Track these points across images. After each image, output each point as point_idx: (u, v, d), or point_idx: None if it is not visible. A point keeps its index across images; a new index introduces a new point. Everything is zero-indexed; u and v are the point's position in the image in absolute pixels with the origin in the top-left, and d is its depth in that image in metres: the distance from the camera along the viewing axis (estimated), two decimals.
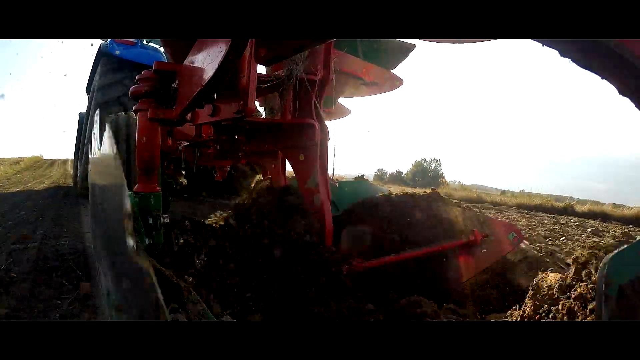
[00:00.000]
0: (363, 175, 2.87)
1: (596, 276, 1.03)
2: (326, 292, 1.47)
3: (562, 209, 9.63)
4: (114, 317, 0.59)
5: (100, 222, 0.80)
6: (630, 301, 0.69)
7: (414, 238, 2.02)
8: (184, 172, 3.88)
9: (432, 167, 45.25)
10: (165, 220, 1.50)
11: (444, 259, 2.04)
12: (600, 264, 0.74)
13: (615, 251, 0.74)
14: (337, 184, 2.19)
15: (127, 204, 0.59)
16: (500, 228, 2.23)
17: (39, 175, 10.92)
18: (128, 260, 0.55)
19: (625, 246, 0.75)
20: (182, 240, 1.54)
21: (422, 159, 45.94)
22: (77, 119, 7.19)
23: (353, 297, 1.50)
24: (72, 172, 8.32)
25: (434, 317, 1.43)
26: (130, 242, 0.56)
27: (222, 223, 1.81)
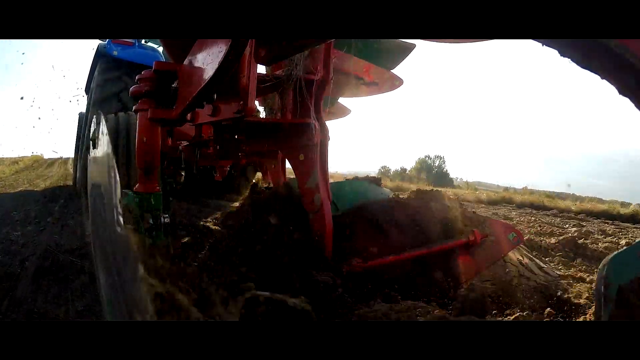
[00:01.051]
0: (357, 178, 2.80)
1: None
2: None
3: (629, 217, 8.79)
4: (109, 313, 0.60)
5: (97, 220, 0.80)
6: (629, 302, 0.69)
7: (414, 238, 2.02)
8: (183, 173, 3.87)
9: (437, 164, 45.15)
10: (166, 220, 1.51)
11: (444, 259, 2.04)
12: (600, 265, 0.74)
13: (615, 252, 0.74)
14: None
15: (118, 201, 0.59)
16: (500, 228, 2.23)
17: (37, 176, 10.31)
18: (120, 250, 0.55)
19: (625, 247, 0.75)
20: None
21: (426, 156, 45.85)
22: (77, 118, 7.21)
23: None
24: (72, 172, 8.22)
25: None
26: (122, 231, 0.56)
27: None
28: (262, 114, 2.78)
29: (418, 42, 2.55)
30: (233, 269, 1.46)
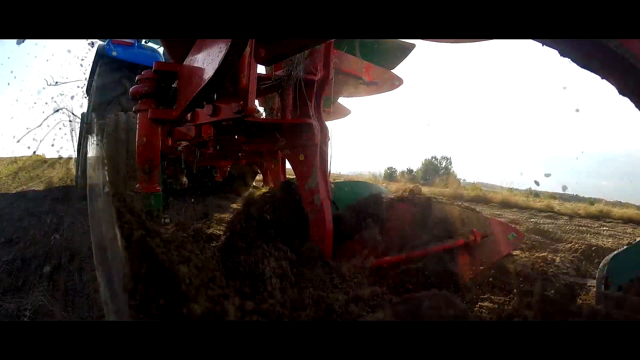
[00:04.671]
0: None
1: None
2: None
3: None
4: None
5: (94, 219, 0.80)
6: (630, 302, 0.69)
7: (413, 238, 2.02)
8: (184, 173, 3.85)
9: (443, 165, 44.64)
10: (166, 219, 1.51)
11: (444, 260, 2.03)
12: (600, 265, 0.74)
13: (615, 252, 0.74)
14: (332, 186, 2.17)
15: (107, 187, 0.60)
16: (500, 228, 2.23)
17: (35, 177, 9.84)
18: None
19: (625, 247, 0.75)
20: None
21: (432, 157, 45.32)
22: (80, 118, 7.21)
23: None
24: (74, 173, 8.12)
25: None
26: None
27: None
28: (262, 114, 2.78)
29: (418, 42, 2.55)
30: None
